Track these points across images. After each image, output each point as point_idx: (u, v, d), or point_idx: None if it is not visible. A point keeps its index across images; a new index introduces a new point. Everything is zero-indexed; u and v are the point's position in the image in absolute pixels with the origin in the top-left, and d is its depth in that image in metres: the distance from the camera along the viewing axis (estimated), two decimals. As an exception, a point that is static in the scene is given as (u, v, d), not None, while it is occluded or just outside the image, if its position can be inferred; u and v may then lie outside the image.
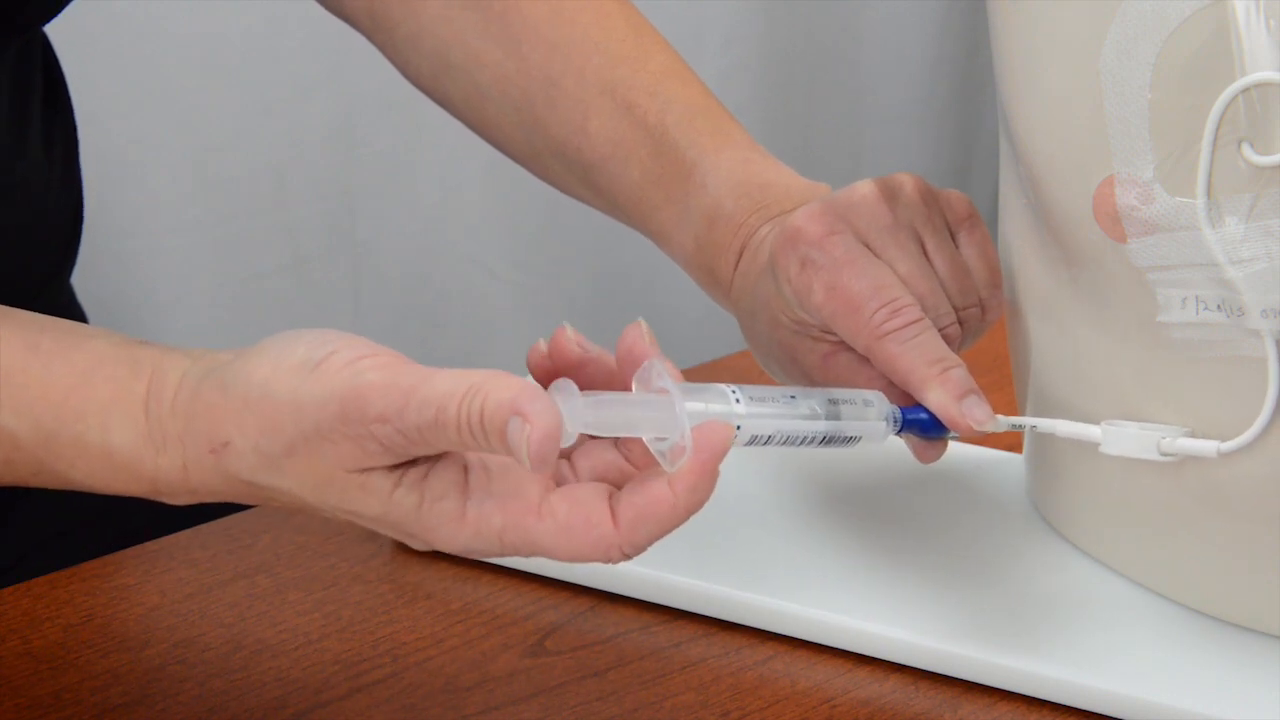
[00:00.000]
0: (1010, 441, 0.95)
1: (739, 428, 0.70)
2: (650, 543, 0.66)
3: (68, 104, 1.05)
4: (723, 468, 0.66)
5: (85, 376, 0.70)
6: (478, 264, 1.94)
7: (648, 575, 0.86)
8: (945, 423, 0.79)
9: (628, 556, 0.66)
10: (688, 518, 0.66)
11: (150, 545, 0.91)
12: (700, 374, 1.06)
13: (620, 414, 0.67)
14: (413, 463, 0.66)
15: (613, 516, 0.66)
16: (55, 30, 1.04)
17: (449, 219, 1.91)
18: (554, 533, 0.66)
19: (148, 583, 0.88)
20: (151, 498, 0.71)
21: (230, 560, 0.89)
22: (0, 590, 0.87)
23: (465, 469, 0.67)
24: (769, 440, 0.72)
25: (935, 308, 0.81)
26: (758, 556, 0.87)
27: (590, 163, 0.92)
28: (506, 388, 0.63)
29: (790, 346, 0.84)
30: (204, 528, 0.92)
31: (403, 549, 0.90)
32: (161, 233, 1.74)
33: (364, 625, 0.85)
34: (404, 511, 0.66)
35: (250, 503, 0.70)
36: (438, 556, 0.90)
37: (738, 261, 0.87)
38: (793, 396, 0.73)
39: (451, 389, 0.64)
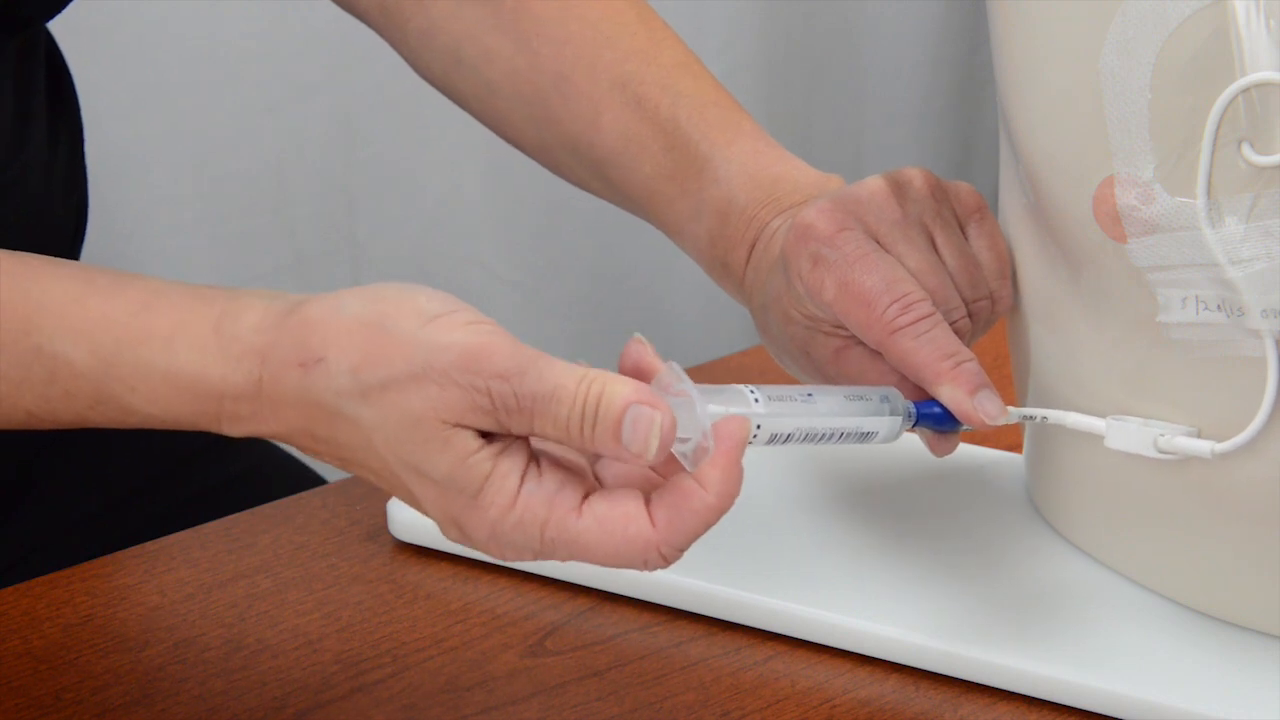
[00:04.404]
0: (1010, 441, 0.95)
1: (759, 427, 0.71)
2: (688, 543, 0.67)
3: (74, 102, 1.06)
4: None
5: (146, 305, 0.71)
6: (478, 264, 1.94)
7: (648, 575, 0.86)
8: (959, 417, 0.79)
9: (666, 560, 0.67)
10: (720, 515, 0.67)
11: (150, 545, 0.91)
12: (700, 374, 1.06)
13: None
14: (493, 437, 0.67)
15: (649, 518, 0.67)
16: (55, 29, 1.04)
17: (449, 219, 1.91)
18: (594, 530, 0.67)
19: (148, 583, 0.88)
20: (212, 428, 0.71)
21: (230, 560, 0.89)
22: (0, 590, 0.87)
23: (527, 460, 0.68)
24: (789, 438, 0.72)
25: (946, 301, 0.81)
26: (757, 556, 0.87)
27: (602, 158, 0.92)
28: (624, 381, 0.66)
29: (803, 341, 0.84)
30: (204, 528, 0.92)
31: (403, 549, 0.90)
32: (161, 233, 1.74)
33: (364, 625, 0.85)
34: (471, 479, 0.67)
35: (306, 441, 0.70)
36: (438, 556, 0.90)
37: (749, 255, 0.87)
38: (810, 395, 0.73)
39: (569, 370, 0.66)
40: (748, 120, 0.91)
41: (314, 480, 1.13)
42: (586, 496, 0.68)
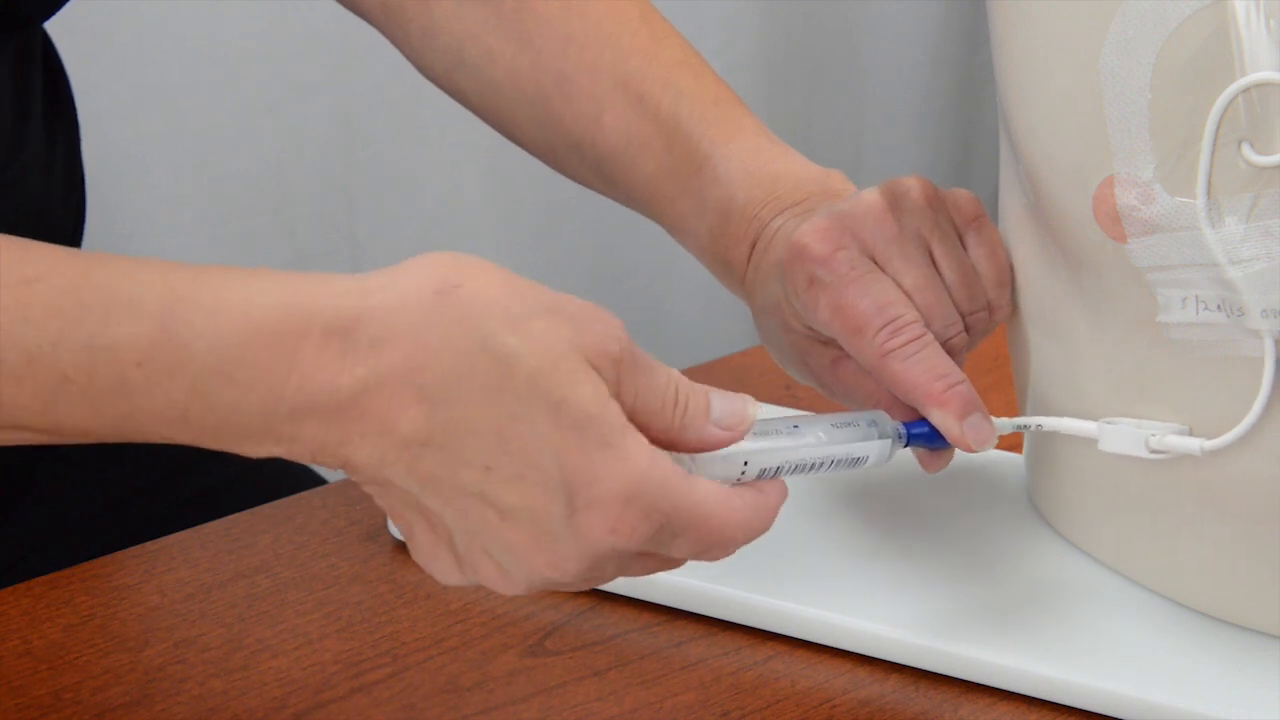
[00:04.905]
0: (1010, 441, 0.95)
1: (746, 463, 0.71)
2: (756, 536, 0.69)
3: (70, 103, 1.05)
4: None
5: (208, 267, 0.66)
6: (478, 264, 1.94)
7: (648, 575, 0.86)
8: (949, 441, 0.79)
9: (739, 546, 0.68)
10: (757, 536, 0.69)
11: (150, 545, 0.91)
12: (698, 375, 1.06)
13: None
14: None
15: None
16: (55, 29, 1.04)
17: (449, 219, 1.91)
18: (710, 502, 0.67)
19: (148, 583, 0.88)
20: (277, 386, 0.64)
21: (230, 560, 0.89)
22: (0, 590, 0.87)
23: None
24: (778, 471, 0.72)
25: (943, 318, 0.81)
26: (758, 557, 0.87)
27: (605, 156, 0.92)
28: None
29: (801, 349, 0.85)
30: (204, 528, 0.92)
31: (403, 549, 0.90)
32: (161, 233, 1.74)
33: (364, 625, 0.85)
34: (613, 422, 0.65)
35: (396, 402, 0.64)
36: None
37: (750, 254, 0.87)
38: (796, 426, 0.74)
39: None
40: (749, 117, 0.91)
41: (314, 480, 1.13)
42: None
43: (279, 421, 0.65)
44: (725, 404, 0.68)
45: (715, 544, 0.67)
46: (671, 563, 0.70)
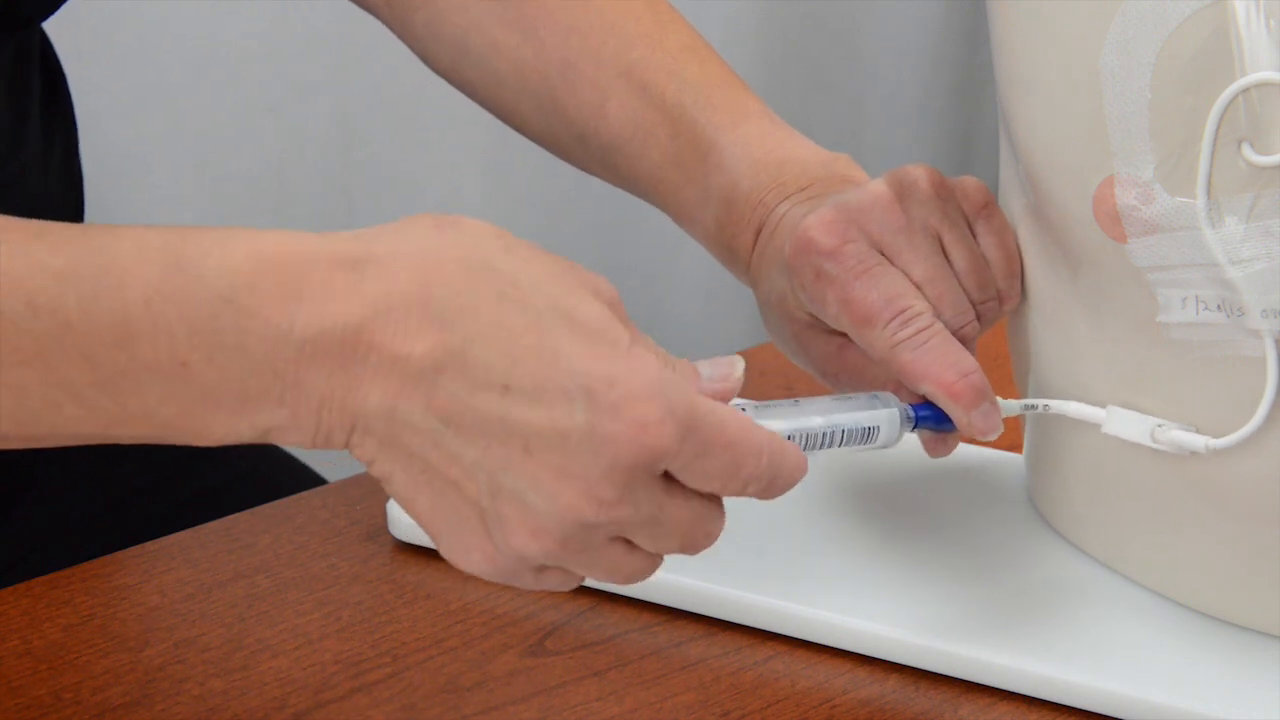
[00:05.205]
0: (1010, 441, 0.95)
1: None
2: (781, 480, 0.68)
3: (68, 103, 1.05)
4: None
5: (216, 227, 0.66)
6: (477, 264, 1.94)
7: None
8: (959, 429, 0.79)
9: (765, 478, 0.67)
10: (786, 484, 0.69)
11: (150, 545, 0.91)
12: (700, 374, 1.06)
13: None
14: None
15: None
16: (55, 29, 1.04)
17: (449, 219, 1.91)
18: (721, 408, 0.66)
19: (148, 583, 0.88)
20: (286, 308, 0.63)
21: (230, 560, 0.89)
22: (0, 590, 0.87)
23: None
24: (789, 440, 0.72)
25: (953, 307, 0.81)
26: (758, 556, 0.87)
27: (610, 145, 0.92)
28: None
29: (805, 340, 0.85)
30: (204, 528, 0.92)
31: (403, 549, 0.90)
32: (161, 233, 1.74)
33: (364, 625, 0.85)
34: (618, 335, 0.65)
35: (407, 319, 0.63)
36: (438, 556, 0.90)
37: (755, 240, 0.87)
38: (796, 403, 0.73)
39: None
40: (755, 101, 0.91)
41: (314, 480, 1.13)
42: None
43: (285, 362, 0.63)
44: (711, 364, 0.69)
45: (743, 456, 0.66)
46: (707, 513, 0.68)
